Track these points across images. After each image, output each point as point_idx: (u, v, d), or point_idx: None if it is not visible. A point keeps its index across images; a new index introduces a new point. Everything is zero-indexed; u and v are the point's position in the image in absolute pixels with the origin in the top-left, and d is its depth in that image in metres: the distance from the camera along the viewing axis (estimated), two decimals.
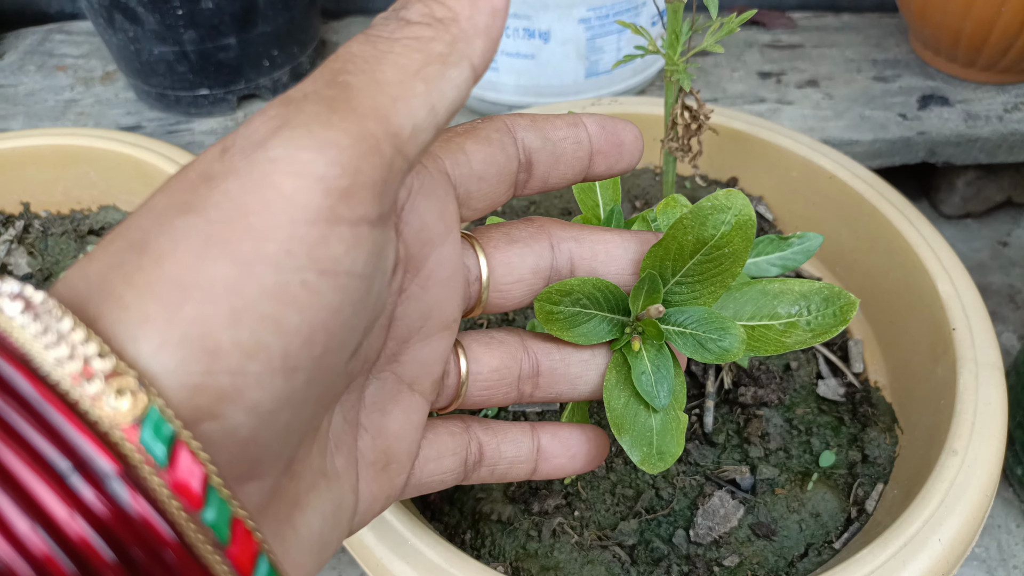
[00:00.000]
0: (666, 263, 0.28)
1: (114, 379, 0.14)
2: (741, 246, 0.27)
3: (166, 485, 0.14)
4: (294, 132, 0.17)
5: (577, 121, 0.27)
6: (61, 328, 0.15)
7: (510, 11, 0.58)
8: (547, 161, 0.26)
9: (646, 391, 0.27)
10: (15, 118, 0.71)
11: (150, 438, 0.14)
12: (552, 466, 0.29)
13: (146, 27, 0.63)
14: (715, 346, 0.27)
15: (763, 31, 0.79)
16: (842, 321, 0.28)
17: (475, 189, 0.25)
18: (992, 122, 0.66)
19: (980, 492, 0.35)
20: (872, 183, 0.48)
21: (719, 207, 0.27)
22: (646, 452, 0.28)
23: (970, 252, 0.74)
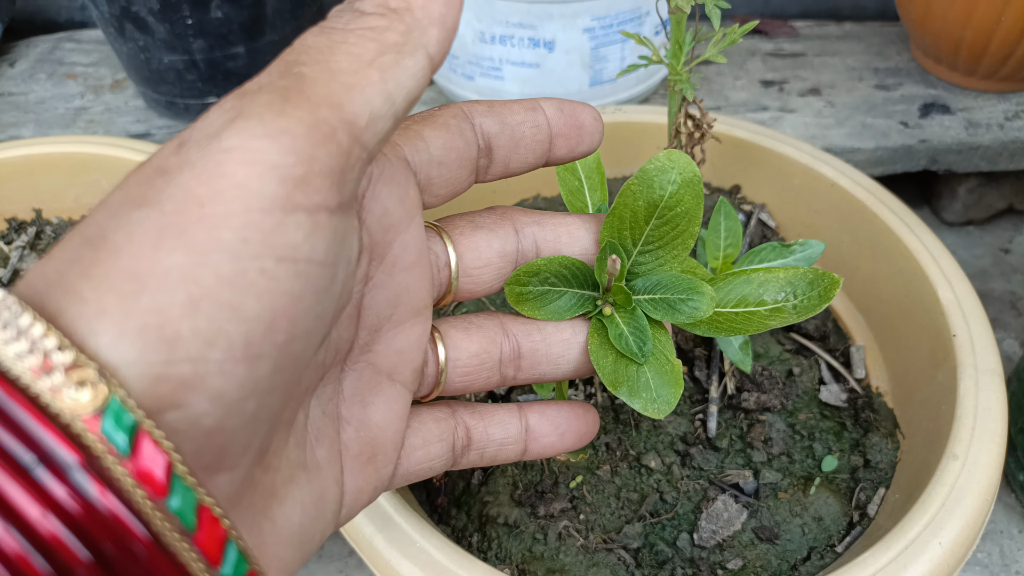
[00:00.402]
0: (624, 232, 0.28)
1: (74, 371, 0.14)
2: (692, 204, 0.28)
3: (130, 474, 0.15)
4: (248, 122, 0.17)
5: (535, 105, 0.27)
6: (20, 323, 0.15)
7: (516, 21, 0.59)
8: (507, 145, 0.26)
9: (627, 349, 0.28)
10: (26, 125, 0.72)
11: (111, 428, 0.14)
12: (542, 445, 0.29)
13: (156, 36, 0.64)
14: (685, 307, 0.28)
15: (765, 40, 0.80)
16: (826, 299, 0.29)
17: (435, 175, 0.25)
18: (993, 130, 0.67)
19: (980, 496, 0.35)
20: (873, 191, 0.49)
21: (662, 168, 0.27)
22: (645, 398, 0.28)
23: (972, 259, 0.74)
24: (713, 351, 0.46)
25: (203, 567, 0.15)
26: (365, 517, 0.35)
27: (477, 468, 0.42)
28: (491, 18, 0.60)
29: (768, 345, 0.47)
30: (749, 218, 0.54)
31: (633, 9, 0.60)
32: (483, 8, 0.60)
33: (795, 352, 0.47)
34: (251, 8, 0.64)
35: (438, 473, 0.28)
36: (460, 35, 0.63)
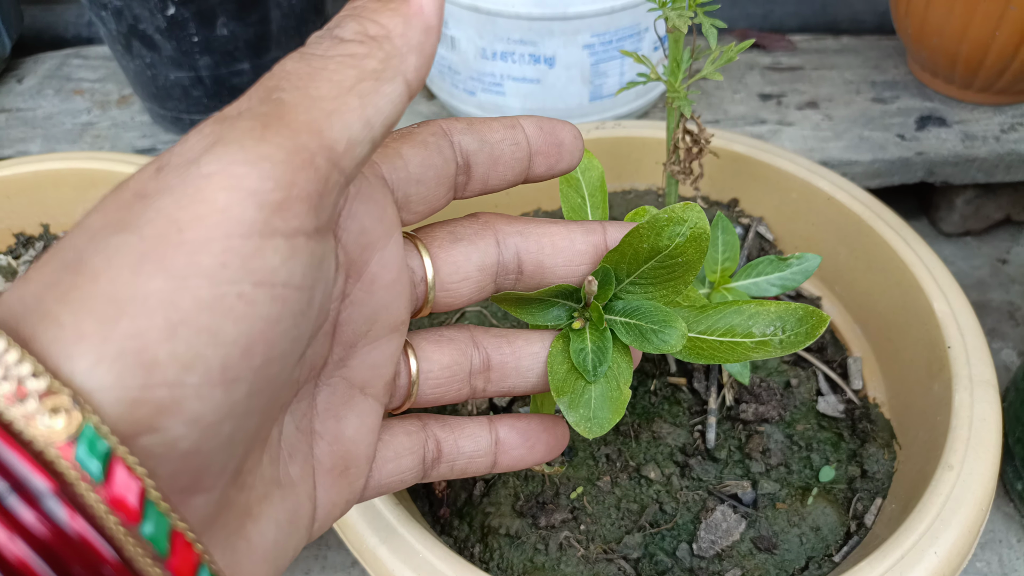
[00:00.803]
0: (621, 265, 0.29)
1: (48, 398, 0.14)
2: (695, 256, 0.28)
3: (103, 501, 0.15)
4: (227, 148, 0.17)
5: (514, 123, 0.27)
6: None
7: (517, 37, 0.59)
8: (485, 163, 0.26)
9: (581, 365, 0.28)
10: (33, 140, 0.73)
11: (85, 455, 0.15)
12: (511, 458, 0.29)
13: (163, 53, 0.65)
14: (656, 338, 0.28)
15: (763, 53, 0.81)
16: (812, 336, 0.29)
17: (413, 192, 0.25)
18: (989, 142, 0.68)
19: (976, 506, 0.36)
20: (869, 204, 0.49)
21: (675, 219, 0.28)
22: (582, 414, 0.28)
23: (970, 269, 0.75)
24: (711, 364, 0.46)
25: None
26: (369, 528, 0.36)
27: (479, 479, 0.43)
28: (493, 35, 0.61)
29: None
30: (747, 231, 0.55)
31: (632, 26, 0.61)
32: (485, 25, 0.61)
33: (793, 363, 0.48)
34: (256, 26, 0.65)
35: (408, 485, 0.28)
36: (462, 51, 0.64)
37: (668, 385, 0.46)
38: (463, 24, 0.62)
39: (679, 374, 0.46)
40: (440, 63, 0.67)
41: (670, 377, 0.46)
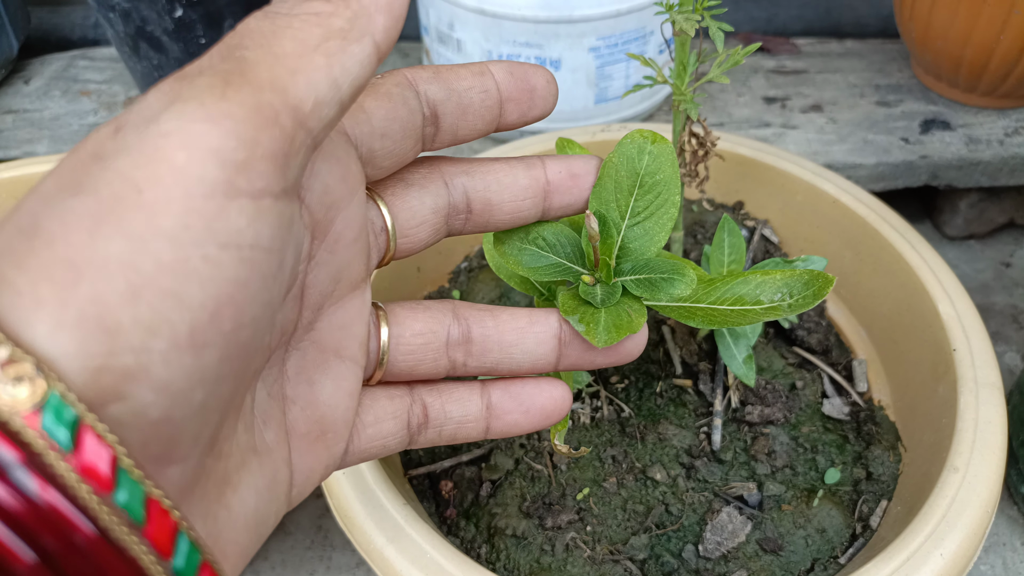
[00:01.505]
0: (610, 203, 0.30)
1: (10, 367, 0.14)
2: (671, 172, 0.30)
3: (73, 470, 0.14)
4: (186, 105, 0.16)
5: (483, 69, 0.26)
6: None
7: (523, 40, 0.60)
8: (454, 112, 0.25)
9: (590, 296, 0.29)
10: (40, 142, 0.73)
11: (52, 423, 0.14)
12: (505, 423, 0.28)
13: (170, 55, 0.65)
14: (666, 286, 0.29)
15: (768, 57, 0.81)
16: (820, 296, 0.30)
17: (379, 147, 0.24)
18: (993, 146, 0.68)
19: (981, 508, 0.36)
20: (874, 207, 0.50)
21: (640, 138, 0.30)
22: (591, 328, 0.28)
23: (973, 273, 0.75)
24: (717, 365, 0.46)
25: (154, 560, 0.15)
26: (377, 528, 0.36)
27: (485, 480, 0.43)
28: (499, 37, 0.61)
29: (771, 359, 0.48)
30: (752, 234, 0.55)
31: (637, 29, 0.61)
32: (490, 28, 0.61)
33: (798, 366, 0.48)
34: None
35: (394, 451, 0.28)
36: (468, 54, 0.64)
37: (674, 387, 0.46)
38: (469, 26, 0.62)
39: (685, 376, 0.47)
40: None
41: (676, 379, 0.46)
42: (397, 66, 0.82)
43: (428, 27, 0.67)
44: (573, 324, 0.28)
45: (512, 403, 0.28)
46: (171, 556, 0.15)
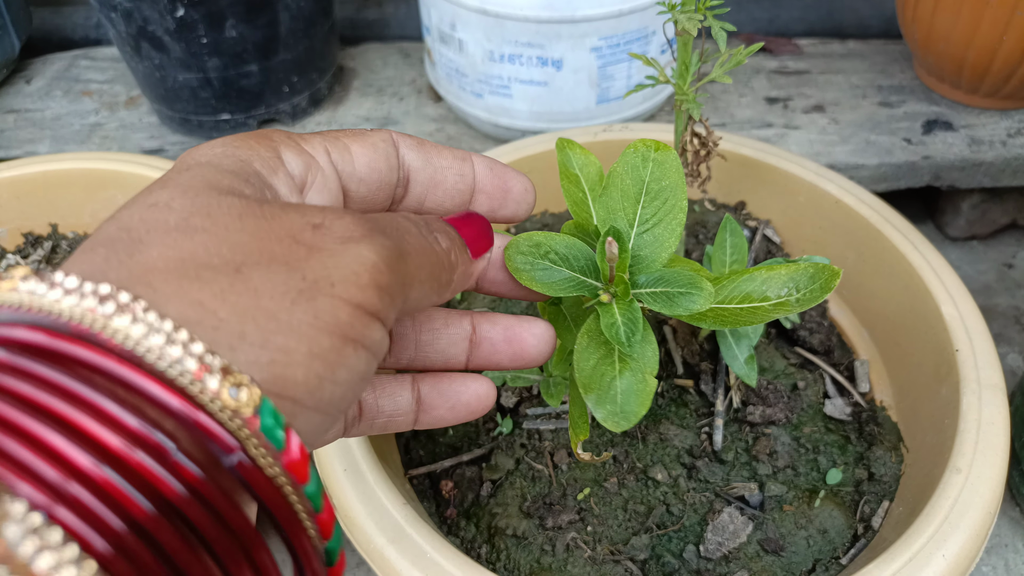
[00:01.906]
0: (617, 213, 0.30)
1: (229, 376, 0.17)
2: (676, 178, 0.30)
3: (280, 464, 0.17)
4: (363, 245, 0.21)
5: (466, 157, 0.28)
6: (164, 327, 0.17)
7: (525, 40, 0.60)
8: (425, 182, 0.28)
9: (616, 338, 0.29)
10: (42, 141, 0.73)
11: (271, 424, 0.17)
12: (432, 417, 0.30)
13: (172, 55, 0.65)
14: (684, 300, 0.29)
15: (770, 57, 0.81)
16: (827, 290, 0.31)
17: (354, 190, 0.26)
18: (996, 147, 0.68)
19: (983, 509, 0.36)
20: (877, 208, 0.50)
21: (643, 147, 0.30)
22: (609, 410, 0.29)
23: (976, 274, 0.75)
24: (719, 365, 0.46)
25: (319, 539, 0.18)
26: (377, 528, 0.36)
27: (487, 480, 0.43)
28: (500, 37, 0.61)
29: (773, 359, 0.48)
30: (754, 234, 0.55)
31: (640, 29, 0.61)
32: (493, 28, 0.61)
33: (800, 366, 0.48)
34: (265, 28, 0.66)
35: (327, 443, 0.29)
36: (470, 54, 0.64)
37: (675, 387, 0.46)
38: (470, 27, 0.62)
39: (686, 376, 0.46)
40: (448, 65, 0.67)
41: (677, 379, 0.46)
42: (399, 66, 0.82)
43: (430, 27, 0.67)
44: (591, 407, 0.29)
45: (439, 399, 0.30)
46: (330, 538, 0.19)
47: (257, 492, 0.17)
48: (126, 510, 0.14)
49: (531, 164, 0.55)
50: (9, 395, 0.15)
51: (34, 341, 0.16)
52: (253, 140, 0.24)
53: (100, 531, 0.14)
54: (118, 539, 0.14)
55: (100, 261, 0.18)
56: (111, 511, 0.14)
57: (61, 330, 0.16)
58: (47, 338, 0.16)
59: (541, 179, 0.56)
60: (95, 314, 0.16)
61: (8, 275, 0.17)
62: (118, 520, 0.14)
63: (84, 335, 0.16)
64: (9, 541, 0.13)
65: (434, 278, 0.24)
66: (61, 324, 0.16)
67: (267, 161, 0.23)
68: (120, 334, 0.16)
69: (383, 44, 0.87)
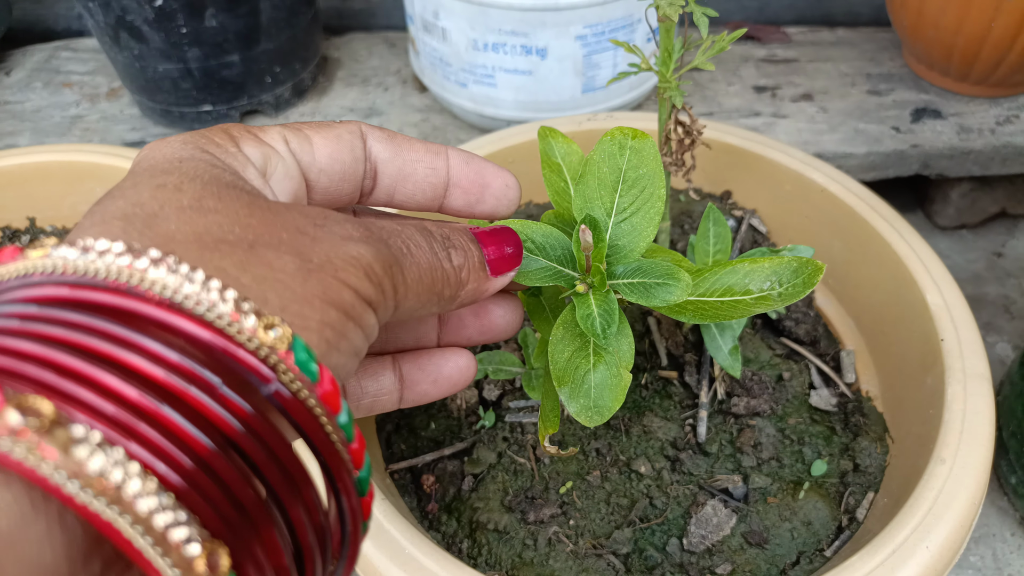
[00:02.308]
0: (594, 201, 0.29)
1: (262, 318, 0.18)
2: (654, 165, 0.30)
3: (315, 396, 0.18)
4: (360, 244, 0.22)
5: (440, 151, 0.28)
6: (197, 277, 0.17)
7: (509, 28, 0.59)
8: (393, 175, 0.28)
9: (591, 329, 0.28)
10: (22, 134, 0.73)
11: (305, 358, 0.18)
12: (416, 393, 0.30)
13: (151, 45, 0.64)
14: (660, 291, 0.29)
15: (759, 46, 0.80)
16: (810, 285, 0.30)
17: (314, 179, 0.26)
18: (985, 135, 0.67)
19: (968, 500, 0.35)
20: (863, 196, 0.49)
21: (621, 134, 0.30)
22: (583, 404, 0.29)
23: (965, 263, 0.74)
24: (703, 356, 0.46)
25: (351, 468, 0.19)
26: None
27: (468, 475, 0.42)
28: (484, 26, 0.60)
29: (758, 350, 0.47)
30: (740, 224, 0.54)
31: (625, 17, 0.60)
32: (476, 16, 0.60)
33: (785, 357, 0.48)
34: (246, 17, 0.65)
35: None
36: (453, 43, 0.63)
37: (659, 379, 0.45)
38: (454, 15, 0.61)
39: (670, 368, 0.46)
40: (431, 55, 0.66)
41: (661, 371, 0.46)
42: (384, 56, 0.81)
43: (413, 16, 0.66)
44: (563, 400, 0.29)
45: (420, 374, 0.30)
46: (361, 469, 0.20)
47: (297, 421, 0.18)
48: (189, 446, 0.15)
49: (515, 154, 0.54)
50: (65, 345, 0.15)
51: (78, 297, 0.17)
52: (215, 135, 0.24)
53: (171, 466, 0.15)
54: (187, 473, 0.15)
55: (119, 231, 0.19)
56: (177, 447, 0.15)
57: (100, 286, 0.17)
58: (90, 292, 0.17)
59: (525, 168, 0.55)
60: (131, 269, 0.17)
61: (40, 243, 0.18)
62: (185, 456, 0.15)
63: (123, 289, 0.17)
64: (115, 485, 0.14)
65: (434, 292, 0.24)
66: (99, 281, 0.17)
67: (234, 156, 0.24)
68: (158, 284, 0.17)
69: (368, 34, 0.86)
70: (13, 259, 0.18)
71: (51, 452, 0.14)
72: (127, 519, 0.14)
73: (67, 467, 0.14)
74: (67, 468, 0.14)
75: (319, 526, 0.18)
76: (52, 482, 0.14)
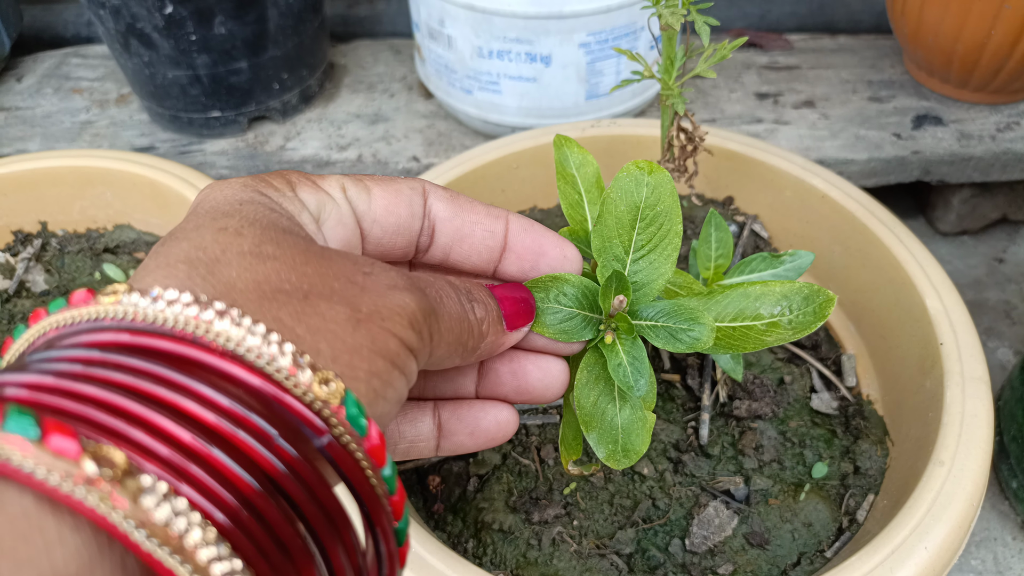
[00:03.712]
0: (612, 240, 0.30)
1: (317, 372, 0.18)
2: (670, 201, 0.30)
3: (363, 449, 0.19)
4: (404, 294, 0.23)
5: (500, 215, 0.28)
6: (258, 330, 0.18)
7: (513, 36, 0.60)
8: (451, 234, 0.28)
9: (623, 381, 0.28)
10: (32, 139, 0.73)
11: (356, 412, 0.19)
12: (452, 443, 0.30)
13: (161, 52, 0.65)
14: (686, 336, 0.29)
15: (761, 53, 0.81)
16: (821, 317, 0.30)
17: (367, 230, 0.26)
18: (985, 141, 0.68)
19: (966, 501, 0.36)
20: (863, 202, 0.50)
21: (637, 170, 0.30)
22: (611, 449, 0.29)
23: (966, 269, 0.75)
24: (705, 360, 0.46)
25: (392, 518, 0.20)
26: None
27: (473, 475, 0.43)
28: (489, 33, 0.61)
29: (760, 354, 0.48)
30: (742, 229, 0.55)
31: (628, 24, 0.61)
32: (481, 24, 0.61)
33: (787, 360, 0.48)
34: (254, 24, 0.66)
35: None
36: (459, 50, 0.64)
37: (662, 382, 0.46)
38: (459, 22, 0.62)
39: (673, 371, 0.46)
40: (437, 62, 0.67)
41: (664, 374, 0.46)
42: (390, 63, 0.82)
43: (419, 24, 0.67)
44: (592, 444, 0.29)
45: (459, 425, 0.30)
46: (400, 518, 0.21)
47: (345, 472, 0.18)
48: (236, 486, 0.16)
49: (519, 159, 0.55)
50: (127, 390, 0.16)
51: (142, 344, 0.17)
52: (272, 180, 0.25)
53: (217, 504, 0.16)
54: (232, 512, 0.16)
55: (184, 277, 0.20)
56: (224, 487, 0.16)
57: (166, 335, 0.18)
58: (154, 340, 0.18)
59: (529, 174, 0.56)
60: (198, 320, 0.18)
61: (111, 289, 0.19)
62: (230, 495, 0.16)
63: (189, 339, 0.18)
64: (163, 520, 0.15)
65: (460, 342, 0.25)
66: (167, 330, 0.18)
67: (291, 200, 0.24)
68: (222, 337, 0.18)
69: (374, 41, 0.87)
70: (86, 303, 0.18)
71: (122, 503, 0.14)
72: (188, 568, 0.15)
73: (135, 516, 0.15)
74: (135, 517, 0.15)
75: (357, 568, 0.19)
76: (121, 530, 0.14)
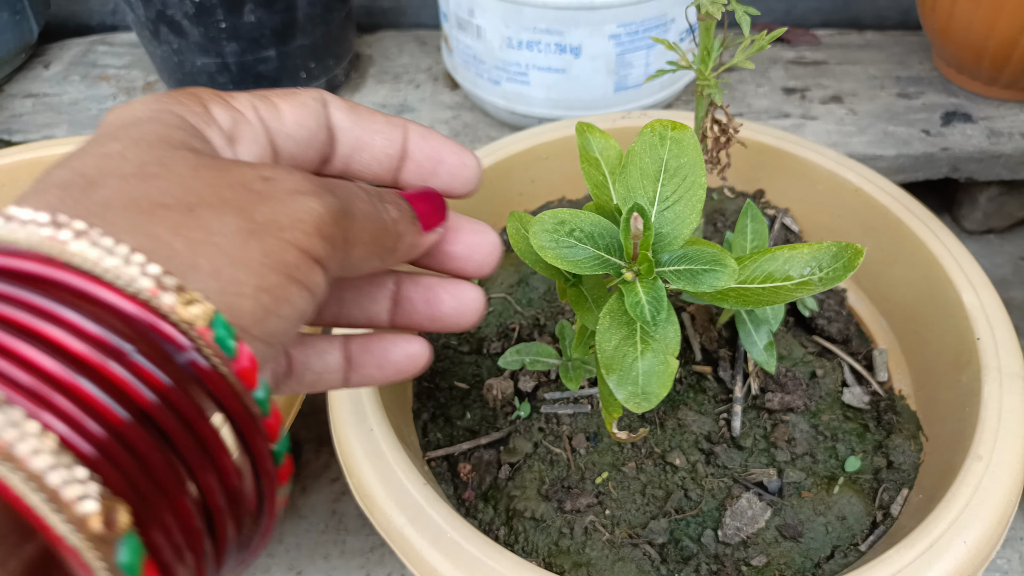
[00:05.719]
0: (637, 191, 0.30)
1: (183, 293, 0.18)
2: (694, 155, 0.30)
3: (233, 373, 0.18)
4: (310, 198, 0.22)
5: (400, 123, 0.28)
6: (119, 250, 0.18)
7: (543, 27, 0.60)
8: (351, 143, 0.28)
9: (640, 316, 0.29)
10: (59, 126, 0.74)
11: (224, 334, 0.18)
12: (361, 375, 0.30)
13: (190, 39, 0.65)
14: (707, 277, 0.29)
15: (788, 48, 0.80)
16: (850, 268, 0.30)
17: (282, 145, 0.26)
18: (1015, 139, 0.67)
19: (1004, 496, 0.36)
20: (897, 196, 0.49)
21: (659, 129, 0.31)
22: (631, 391, 0.29)
23: (992, 268, 0.74)
24: (737, 352, 0.46)
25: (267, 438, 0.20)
26: (397, 508, 0.36)
27: (504, 463, 0.43)
28: (519, 24, 0.61)
29: (792, 347, 0.47)
30: (773, 222, 0.55)
31: (659, 16, 0.61)
32: (511, 14, 0.61)
33: (818, 355, 0.48)
34: (283, 13, 0.66)
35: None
36: (487, 40, 0.64)
37: (693, 373, 0.46)
38: (489, 13, 0.62)
39: (704, 363, 0.46)
40: (465, 52, 0.67)
41: (695, 365, 0.46)
42: (415, 54, 0.82)
43: (448, 14, 0.67)
44: (612, 387, 0.29)
45: (368, 357, 0.30)
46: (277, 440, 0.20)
47: (216, 394, 0.18)
48: (104, 418, 0.16)
49: (548, 150, 0.55)
50: None
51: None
52: (182, 96, 0.24)
53: (85, 437, 0.15)
54: (101, 444, 0.15)
55: (54, 200, 0.19)
56: (91, 419, 0.15)
57: (19, 255, 0.17)
58: (5, 259, 0.17)
59: (558, 164, 0.56)
60: (53, 241, 0.17)
61: None
62: (99, 427, 0.16)
63: (43, 260, 0.17)
64: (8, 443, 0.14)
65: (378, 242, 0.25)
66: (19, 252, 0.17)
67: (200, 116, 0.24)
68: (77, 258, 0.17)
69: (399, 32, 0.87)
70: None
71: None
72: (20, 475, 0.14)
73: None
74: None
75: (232, 490, 0.18)
76: None
